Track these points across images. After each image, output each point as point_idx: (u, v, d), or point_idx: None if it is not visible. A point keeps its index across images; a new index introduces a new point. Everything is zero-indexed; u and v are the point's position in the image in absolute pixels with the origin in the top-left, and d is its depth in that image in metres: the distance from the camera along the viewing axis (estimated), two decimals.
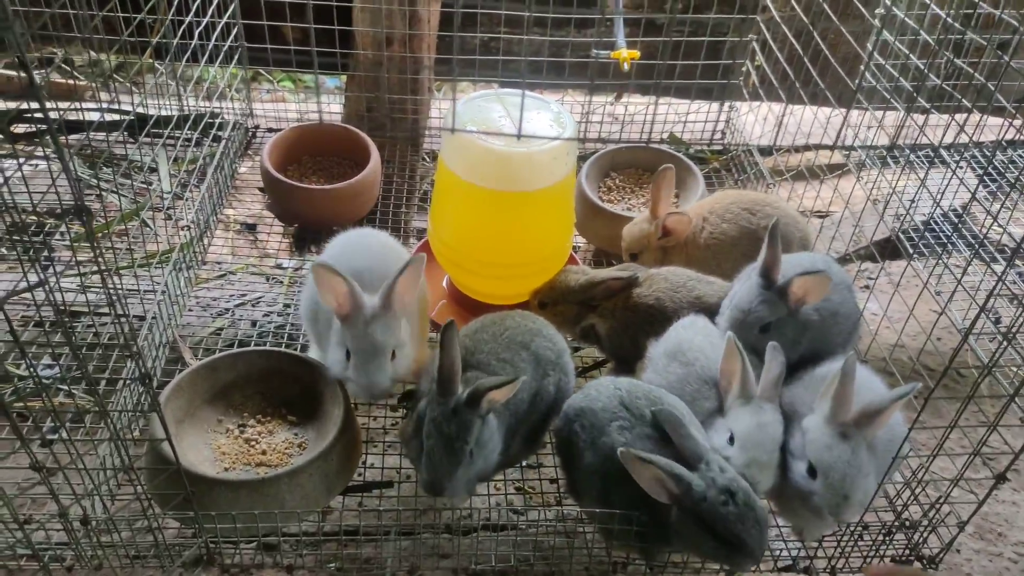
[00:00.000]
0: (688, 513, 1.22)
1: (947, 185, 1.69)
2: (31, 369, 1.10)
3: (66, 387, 1.66)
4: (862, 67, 2.21)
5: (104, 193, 2.26)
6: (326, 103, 2.59)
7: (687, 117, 2.65)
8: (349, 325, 1.40)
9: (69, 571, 1.43)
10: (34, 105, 0.93)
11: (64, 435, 1.16)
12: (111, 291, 0.96)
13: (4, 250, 2.09)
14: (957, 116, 1.58)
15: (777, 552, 1.48)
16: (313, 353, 1.64)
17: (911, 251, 2.17)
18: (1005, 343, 1.14)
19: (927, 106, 1.81)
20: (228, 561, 1.41)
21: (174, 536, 1.47)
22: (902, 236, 2.02)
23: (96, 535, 1.29)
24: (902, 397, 1.24)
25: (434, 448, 1.29)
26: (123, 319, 0.94)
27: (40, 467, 1.11)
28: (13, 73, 2.67)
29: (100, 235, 1.99)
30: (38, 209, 2.14)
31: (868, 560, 1.42)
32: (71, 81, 2.69)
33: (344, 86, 2.63)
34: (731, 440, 1.33)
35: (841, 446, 1.25)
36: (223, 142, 2.21)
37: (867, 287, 2.43)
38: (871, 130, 1.91)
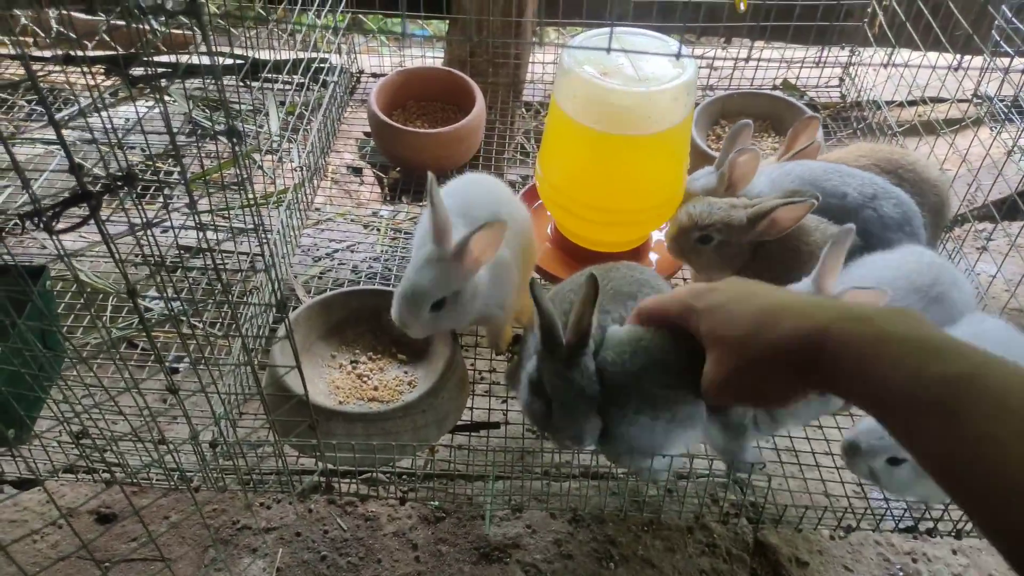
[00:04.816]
0: None
1: None
2: (165, 298, 1.13)
3: (193, 319, 1.73)
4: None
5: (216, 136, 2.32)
6: (420, 54, 2.57)
7: (803, 62, 2.51)
8: (423, 252, 1.39)
9: (196, 491, 1.50)
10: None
11: (191, 362, 1.20)
12: (255, 215, 0.98)
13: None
14: None
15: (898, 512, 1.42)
16: None
17: None
18: None
19: None
20: (344, 490, 1.46)
21: (292, 464, 1.52)
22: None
23: (226, 458, 1.35)
24: None
25: (565, 400, 1.22)
26: (263, 236, 0.96)
27: (176, 389, 1.15)
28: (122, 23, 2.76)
29: (209, 177, 2.05)
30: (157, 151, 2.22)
31: None
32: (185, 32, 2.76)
33: (430, 36, 2.61)
34: None
35: None
36: (331, 86, 2.23)
37: (984, 248, 2.28)
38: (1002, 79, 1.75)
